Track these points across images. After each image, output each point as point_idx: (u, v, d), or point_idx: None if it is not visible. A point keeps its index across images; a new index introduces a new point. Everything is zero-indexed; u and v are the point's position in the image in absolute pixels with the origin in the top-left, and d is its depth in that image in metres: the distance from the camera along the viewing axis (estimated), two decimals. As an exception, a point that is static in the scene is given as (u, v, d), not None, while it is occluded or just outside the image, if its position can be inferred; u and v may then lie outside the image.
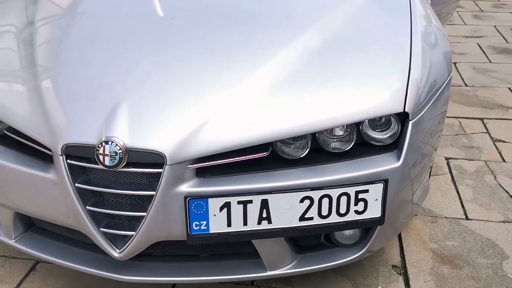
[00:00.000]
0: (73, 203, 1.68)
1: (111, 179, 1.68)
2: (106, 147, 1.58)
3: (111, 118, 1.63)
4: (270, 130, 1.67)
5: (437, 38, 2.14)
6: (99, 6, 2.18)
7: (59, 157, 1.65)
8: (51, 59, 1.88)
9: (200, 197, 1.63)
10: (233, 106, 1.68)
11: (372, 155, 1.78)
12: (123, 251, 1.72)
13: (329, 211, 1.70)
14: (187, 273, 1.81)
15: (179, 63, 1.80)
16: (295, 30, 1.95)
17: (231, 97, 1.69)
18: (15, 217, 1.90)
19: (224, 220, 1.66)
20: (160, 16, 2.04)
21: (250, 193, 1.64)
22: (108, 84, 1.74)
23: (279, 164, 1.74)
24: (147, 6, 2.12)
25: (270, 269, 1.83)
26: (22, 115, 1.75)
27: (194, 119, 1.63)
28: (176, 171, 1.61)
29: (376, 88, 1.78)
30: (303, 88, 1.76)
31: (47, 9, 2.16)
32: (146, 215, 1.65)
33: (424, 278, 2.20)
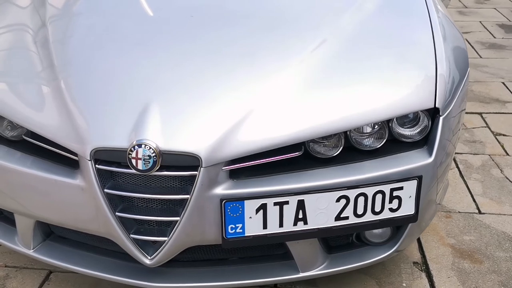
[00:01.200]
0: (102, 210, 1.61)
1: (140, 183, 1.62)
2: (139, 151, 1.53)
3: (142, 120, 1.57)
4: (304, 129, 1.63)
5: (453, 32, 2.13)
6: (112, 5, 2.11)
7: (87, 162, 1.58)
8: (69, 61, 1.80)
9: (236, 199, 1.59)
10: (266, 106, 1.64)
11: (402, 152, 1.77)
12: (155, 257, 1.67)
13: (365, 209, 1.68)
14: (218, 277, 1.77)
15: (206, 62, 1.75)
16: (319, 30, 1.91)
17: (263, 97, 1.65)
18: (35, 226, 1.82)
19: (260, 222, 1.62)
20: (180, 14, 1.98)
21: (287, 194, 1.61)
22: (135, 85, 1.68)
23: (311, 163, 1.70)
24: (164, 5, 2.06)
25: (303, 270, 1.79)
26: (43, 119, 1.67)
27: (228, 120, 1.59)
28: (211, 174, 1.57)
29: (406, 84, 1.76)
30: (333, 86, 1.73)
31: (58, 8, 2.07)
32: (180, 219, 1.60)
33: (446, 274, 2.19)
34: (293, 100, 1.67)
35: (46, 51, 1.85)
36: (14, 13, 2.11)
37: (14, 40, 1.95)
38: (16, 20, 2.07)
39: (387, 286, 2.13)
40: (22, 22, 2.04)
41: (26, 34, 1.97)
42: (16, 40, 1.95)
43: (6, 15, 2.11)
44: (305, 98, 1.68)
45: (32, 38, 1.93)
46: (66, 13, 2.07)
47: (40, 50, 1.87)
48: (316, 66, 1.77)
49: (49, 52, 1.84)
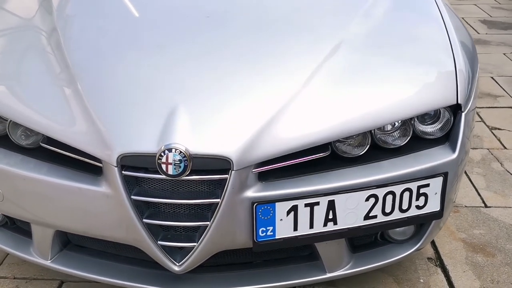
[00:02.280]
0: (129, 217, 1.57)
1: (168, 188, 1.59)
2: (169, 155, 1.49)
3: (170, 124, 1.54)
4: (332, 128, 1.62)
5: (461, 28, 2.15)
6: (121, 7, 2.05)
7: (114, 169, 1.54)
8: (85, 64, 1.75)
9: (267, 202, 1.56)
10: (293, 106, 1.62)
11: (424, 149, 1.77)
12: (183, 264, 1.63)
13: (392, 208, 1.67)
14: (245, 281, 1.74)
15: (229, 63, 1.72)
16: (336, 30, 1.90)
17: (290, 98, 1.63)
18: (54, 236, 1.77)
19: (291, 224, 1.60)
20: (195, 15, 1.94)
21: (317, 194, 1.59)
22: (159, 88, 1.63)
23: (336, 163, 1.69)
24: (177, 5, 2.02)
25: (330, 271, 1.78)
26: (64, 126, 1.62)
27: (257, 121, 1.56)
28: (241, 176, 1.54)
29: (428, 81, 1.77)
30: (357, 85, 1.72)
31: (67, 11, 2.01)
32: (210, 224, 1.57)
33: (462, 268, 2.21)
34: (319, 100, 1.66)
35: (60, 55, 1.79)
36: (22, 16, 2.04)
37: (24, 45, 1.88)
38: (25, 23, 2.00)
39: (404, 283, 2.14)
40: (31, 25, 1.97)
41: (36, 38, 1.90)
42: (26, 45, 1.88)
43: (13, 18, 2.04)
44: (330, 97, 1.67)
45: (43, 41, 1.87)
46: (76, 15, 2.01)
47: (53, 54, 1.81)
48: (338, 66, 1.75)
49: (63, 56, 1.78)
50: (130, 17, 1.99)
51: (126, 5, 2.04)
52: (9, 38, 1.93)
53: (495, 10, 5.77)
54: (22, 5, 2.09)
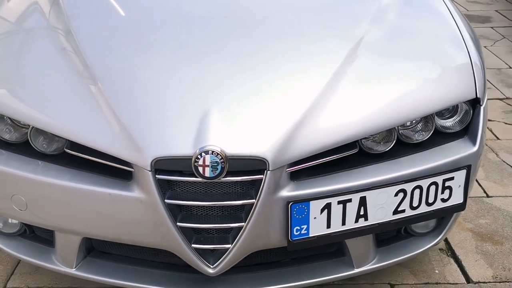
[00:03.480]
0: (164, 221, 1.55)
1: (201, 191, 1.58)
2: (206, 158, 1.48)
3: (204, 126, 1.52)
4: (360, 126, 1.64)
5: (466, 22, 2.20)
6: (136, 7, 2.02)
7: (147, 173, 1.52)
8: (108, 67, 1.71)
9: (302, 200, 1.57)
10: (322, 105, 1.63)
11: (444, 143, 1.81)
12: (218, 266, 1.62)
13: (419, 201, 1.70)
14: (277, 281, 1.75)
15: (256, 64, 1.71)
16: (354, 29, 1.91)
17: (319, 97, 1.64)
18: (81, 243, 1.73)
19: (324, 221, 1.62)
20: (213, 16, 1.92)
21: (350, 191, 1.61)
22: (189, 90, 1.62)
23: (362, 160, 1.71)
24: (191, 5, 1.99)
25: (358, 266, 1.80)
26: (91, 130, 1.58)
27: (290, 121, 1.57)
28: (276, 176, 1.54)
29: (447, 77, 1.81)
30: (380, 84, 1.74)
31: (79, 11, 1.96)
32: (245, 225, 1.56)
33: (473, 258, 2.27)
34: (345, 98, 1.67)
35: (78, 57, 1.75)
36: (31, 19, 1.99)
37: (39, 48, 1.83)
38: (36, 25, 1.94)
39: (421, 274, 2.18)
40: (43, 27, 1.91)
41: (50, 41, 1.84)
42: (41, 48, 1.83)
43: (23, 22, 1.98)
44: (356, 95, 1.68)
45: (58, 44, 1.82)
46: (89, 16, 1.97)
47: (71, 57, 1.76)
48: (359, 64, 1.77)
49: (82, 58, 1.74)
50: (145, 17, 1.95)
51: (139, 5, 2.01)
52: (21, 43, 1.88)
53: (471, 4, 5.91)
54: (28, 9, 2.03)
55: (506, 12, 5.55)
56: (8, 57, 1.81)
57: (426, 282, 2.14)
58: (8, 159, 1.70)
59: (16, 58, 1.81)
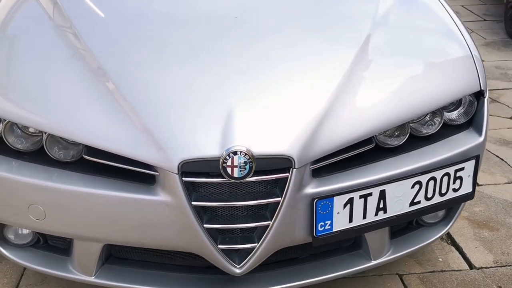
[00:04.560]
0: (191, 224, 1.55)
1: (226, 191, 1.58)
2: (234, 158, 1.48)
3: (230, 127, 1.53)
4: (377, 122, 1.68)
5: (458, 18, 2.27)
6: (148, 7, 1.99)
7: (174, 176, 1.51)
8: (125, 70, 1.69)
9: (326, 196, 1.60)
10: (341, 102, 1.65)
11: (451, 135, 1.87)
12: (244, 265, 1.63)
13: (433, 192, 1.76)
14: (298, 277, 1.77)
15: (273, 63, 1.73)
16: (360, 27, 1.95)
17: (337, 94, 1.66)
18: (102, 250, 1.70)
19: (347, 216, 1.65)
20: (223, 16, 1.92)
21: (370, 185, 1.65)
22: (211, 91, 1.62)
23: (376, 154, 1.75)
24: (200, 6, 1.99)
25: (375, 258, 1.85)
26: (111, 135, 1.56)
27: (312, 118, 1.59)
28: (301, 174, 1.56)
29: (453, 71, 1.87)
30: (392, 80, 1.78)
31: (83, 13, 1.92)
32: (272, 223, 1.58)
33: (473, 244, 2.35)
34: (361, 94, 1.71)
35: (91, 61, 1.72)
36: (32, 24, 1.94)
37: (49, 54, 1.79)
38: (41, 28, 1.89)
39: (426, 263, 2.25)
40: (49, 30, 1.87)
41: (58, 44, 1.81)
42: (51, 54, 1.78)
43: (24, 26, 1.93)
44: (370, 92, 1.73)
45: (68, 49, 1.78)
46: (95, 18, 1.93)
47: (83, 61, 1.73)
48: (370, 61, 1.81)
49: (95, 62, 1.71)
50: (156, 18, 1.93)
51: (148, 6, 1.99)
52: (28, 48, 1.83)
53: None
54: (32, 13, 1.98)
55: (472, 7, 5.74)
56: (16, 63, 1.77)
57: (432, 271, 2.21)
58: (22, 168, 1.66)
59: (24, 64, 1.76)
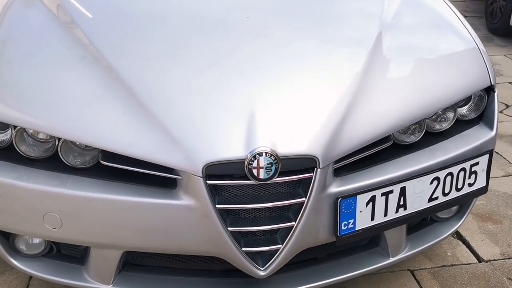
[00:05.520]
0: (216, 227, 1.52)
1: (249, 193, 1.56)
2: (260, 159, 1.46)
3: (254, 128, 1.50)
4: (395, 119, 1.67)
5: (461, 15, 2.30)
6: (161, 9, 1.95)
7: (198, 179, 1.48)
8: (141, 72, 1.64)
9: (349, 195, 1.59)
10: (359, 101, 1.65)
11: (463, 130, 1.89)
12: (268, 267, 1.61)
13: (450, 188, 1.77)
14: (319, 277, 1.76)
15: (291, 63, 1.71)
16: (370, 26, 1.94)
17: (355, 93, 1.65)
18: (121, 257, 1.66)
19: (369, 214, 1.64)
20: (235, 17, 1.89)
21: (391, 183, 1.65)
22: (231, 92, 1.59)
23: (393, 151, 1.75)
24: (210, 7, 1.95)
25: (393, 255, 1.85)
26: (131, 140, 1.52)
27: (334, 118, 1.58)
28: (324, 174, 1.55)
29: (464, 67, 1.88)
30: (406, 78, 1.78)
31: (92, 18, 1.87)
32: (296, 224, 1.56)
33: (479, 238, 2.38)
34: (379, 92, 1.70)
35: (102, 63, 1.67)
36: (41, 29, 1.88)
37: (59, 58, 1.72)
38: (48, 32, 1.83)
39: (435, 258, 2.27)
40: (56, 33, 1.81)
41: (66, 47, 1.74)
42: (61, 58, 1.72)
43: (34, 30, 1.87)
44: (387, 90, 1.72)
45: (77, 52, 1.73)
46: (103, 21, 1.88)
47: (93, 63, 1.68)
48: (384, 60, 1.80)
49: (108, 64, 1.66)
50: (170, 20, 1.89)
51: (159, 6, 1.95)
52: (37, 52, 1.77)
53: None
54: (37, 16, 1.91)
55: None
56: (25, 67, 1.71)
57: (442, 265, 2.23)
58: (35, 175, 1.61)
59: (33, 68, 1.70)
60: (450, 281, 2.13)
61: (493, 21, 5.17)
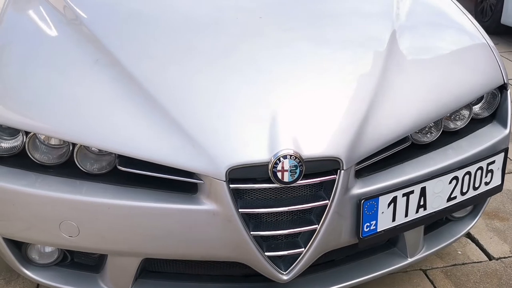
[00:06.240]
0: (239, 232, 1.49)
1: (271, 197, 1.53)
2: (285, 162, 1.44)
3: (276, 130, 1.48)
4: (414, 119, 1.66)
5: None
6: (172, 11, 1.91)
7: (221, 183, 1.45)
8: (158, 75, 1.60)
9: (372, 196, 1.58)
10: (379, 101, 1.63)
11: (476, 129, 1.89)
12: (291, 272, 1.58)
13: (468, 187, 1.77)
14: (339, 279, 1.74)
15: (308, 64, 1.69)
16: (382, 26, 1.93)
17: (375, 93, 1.63)
18: (140, 265, 1.62)
19: (390, 215, 1.63)
20: (248, 17, 1.86)
21: (412, 183, 1.64)
22: (251, 95, 1.56)
23: (410, 151, 1.74)
24: (220, 7, 1.92)
25: (411, 256, 1.84)
26: (150, 144, 1.48)
27: (356, 119, 1.56)
28: (347, 175, 1.53)
29: (478, 66, 1.88)
30: (423, 77, 1.76)
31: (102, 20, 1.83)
32: (319, 227, 1.54)
33: (487, 235, 2.39)
34: (397, 92, 1.69)
35: (116, 66, 1.63)
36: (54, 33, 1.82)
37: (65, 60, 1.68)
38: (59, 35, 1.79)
39: (446, 257, 2.27)
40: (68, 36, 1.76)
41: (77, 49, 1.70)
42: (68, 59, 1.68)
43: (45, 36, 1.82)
44: (406, 89, 1.70)
45: (89, 54, 1.68)
46: (113, 22, 1.84)
47: (107, 66, 1.64)
48: (400, 60, 1.78)
49: (123, 68, 1.62)
50: (182, 22, 1.85)
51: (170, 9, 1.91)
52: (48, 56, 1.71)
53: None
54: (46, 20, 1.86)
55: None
56: (36, 71, 1.66)
57: (454, 264, 2.22)
58: (49, 183, 1.56)
59: (45, 72, 1.65)
60: (463, 280, 2.13)
61: (483, 19, 5.22)
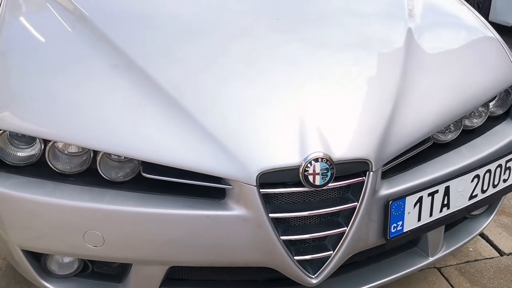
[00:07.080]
0: (269, 237, 1.47)
1: (299, 201, 1.51)
2: (316, 165, 1.42)
3: (306, 133, 1.46)
4: (437, 119, 1.66)
5: None
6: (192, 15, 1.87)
7: (252, 188, 1.42)
8: (180, 79, 1.57)
9: (400, 197, 1.57)
10: (402, 101, 1.63)
11: (492, 127, 1.90)
12: (320, 275, 1.57)
13: (488, 185, 1.78)
14: (363, 281, 1.73)
15: (331, 65, 1.67)
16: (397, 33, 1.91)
17: (398, 93, 1.63)
18: (166, 273, 1.59)
19: (416, 215, 1.63)
20: (265, 18, 1.84)
21: (436, 183, 1.64)
22: (278, 97, 1.54)
23: (429, 150, 1.74)
24: (238, 9, 1.89)
25: (432, 255, 1.84)
26: (177, 150, 1.45)
27: (382, 119, 1.55)
28: (376, 176, 1.53)
29: (493, 64, 1.90)
30: (443, 77, 1.77)
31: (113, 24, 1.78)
32: (348, 229, 1.53)
33: (496, 231, 2.41)
34: (419, 92, 1.68)
35: (137, 73, 1.60)
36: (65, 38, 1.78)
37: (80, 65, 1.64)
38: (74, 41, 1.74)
39: (458, 254, 2.28)
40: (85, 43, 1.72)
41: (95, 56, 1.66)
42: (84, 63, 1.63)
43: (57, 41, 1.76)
44: (427, 89, 1.70)
45: (106, 59, 1.64)
46: (130, 28, 1.80)
47: (126, 71, 1.60)
48: (418, 60, 1.78)
49: (141, 71, 1.59)
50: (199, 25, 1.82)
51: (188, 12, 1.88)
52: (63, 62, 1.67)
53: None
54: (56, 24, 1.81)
55: None
56: (54, 77, 1.61)
57: (467, 261, 2.24)
58: (70, 192, 1.52)
59: (63, 78, 1.60)
60: (477, 276, 2.15)
61: (469, 16, 5.28)
